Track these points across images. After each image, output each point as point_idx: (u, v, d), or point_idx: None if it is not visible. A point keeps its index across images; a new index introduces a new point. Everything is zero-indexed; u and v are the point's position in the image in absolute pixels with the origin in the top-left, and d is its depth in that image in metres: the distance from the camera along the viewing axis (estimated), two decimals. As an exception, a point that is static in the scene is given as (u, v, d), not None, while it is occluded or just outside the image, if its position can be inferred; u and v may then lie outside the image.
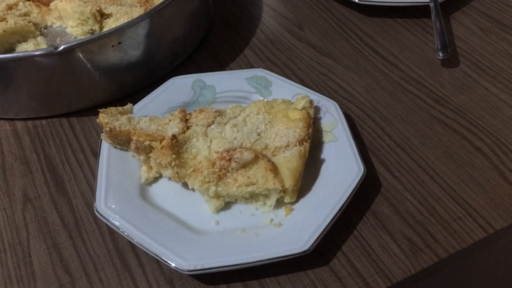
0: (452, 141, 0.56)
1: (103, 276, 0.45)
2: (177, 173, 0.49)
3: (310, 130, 0.52)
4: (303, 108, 0.53)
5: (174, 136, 0.49)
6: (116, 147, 0.52)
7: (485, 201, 0.50)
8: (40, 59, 0.54)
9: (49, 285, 0.45)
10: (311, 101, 0.54)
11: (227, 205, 0.49)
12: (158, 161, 0.48)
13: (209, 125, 0.52)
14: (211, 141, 0.51)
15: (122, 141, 0.51)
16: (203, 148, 0.50)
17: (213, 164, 0.48)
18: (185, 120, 0.52)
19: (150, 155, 0.49)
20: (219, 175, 0.47)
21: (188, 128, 0.52)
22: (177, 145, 0.49)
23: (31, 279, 0.45)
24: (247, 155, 0.48)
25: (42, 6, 0.69)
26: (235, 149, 0.48)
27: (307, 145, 0.50)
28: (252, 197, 0.48)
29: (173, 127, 0.51)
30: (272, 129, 0.52)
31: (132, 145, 0.50)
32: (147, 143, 0.49)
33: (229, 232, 0.46)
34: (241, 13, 0.77)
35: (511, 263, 0.64)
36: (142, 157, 0.51)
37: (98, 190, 0.48)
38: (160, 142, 0.49)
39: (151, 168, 0.51)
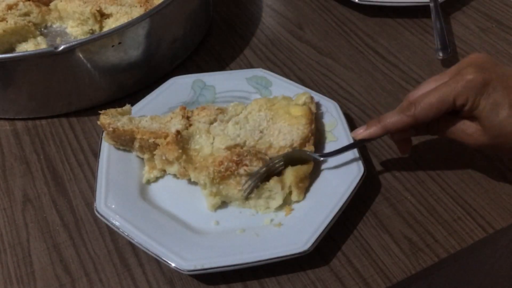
0: (452, 141, 0.56)
1: (103, 276, 0.45)
2: (184, 167, 0.48)
3: (313, 126, 0.52)
4: (304, 103, 0.53)
5: (178, 132, 0.49)
6: (118, 148, 0.52)
7: (485, 201, 0.50)
8: (40, 59, 0.54)
9: (49, 285, 0.45)
10: (311, 97, 0.54)
11: (227, 205, 0.49)
12: (164, 158, 0.48)
13: (211, 123, 0.52)
14: (213, 138, 0.51)
15: (126, 141, 0.51)
16: (206, 145, 0.50)
17: (221, 163, 0.48)
18: (187, 117, 0.52)
19: (155, 152, 0.49)
20: (223, 175, 0.47)
21: (190, 125, 0.52)
22: (181, 141, 0.49)
23: (31, 279, 0.45)
24: (256, 166, 0.48)
25: (42, 6, 0.69)
26: (246, 155, 0.48)
27: (312, 148, 0.50)
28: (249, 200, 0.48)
29: (176, 124, 0.51)
30: (274, 126, 0.52)
31: (136, 144, 0.50)
32: (151, 140, 0.49)
33: (229, 232, 0.46)
34: (241, 13, 0.77)
35: (511, 263, 0.64)
36: (146, 156, 0.51)
37: (98, 190, 0.48)
38: (165, 139, 0.49)
39: (154, 168, 0.51)
